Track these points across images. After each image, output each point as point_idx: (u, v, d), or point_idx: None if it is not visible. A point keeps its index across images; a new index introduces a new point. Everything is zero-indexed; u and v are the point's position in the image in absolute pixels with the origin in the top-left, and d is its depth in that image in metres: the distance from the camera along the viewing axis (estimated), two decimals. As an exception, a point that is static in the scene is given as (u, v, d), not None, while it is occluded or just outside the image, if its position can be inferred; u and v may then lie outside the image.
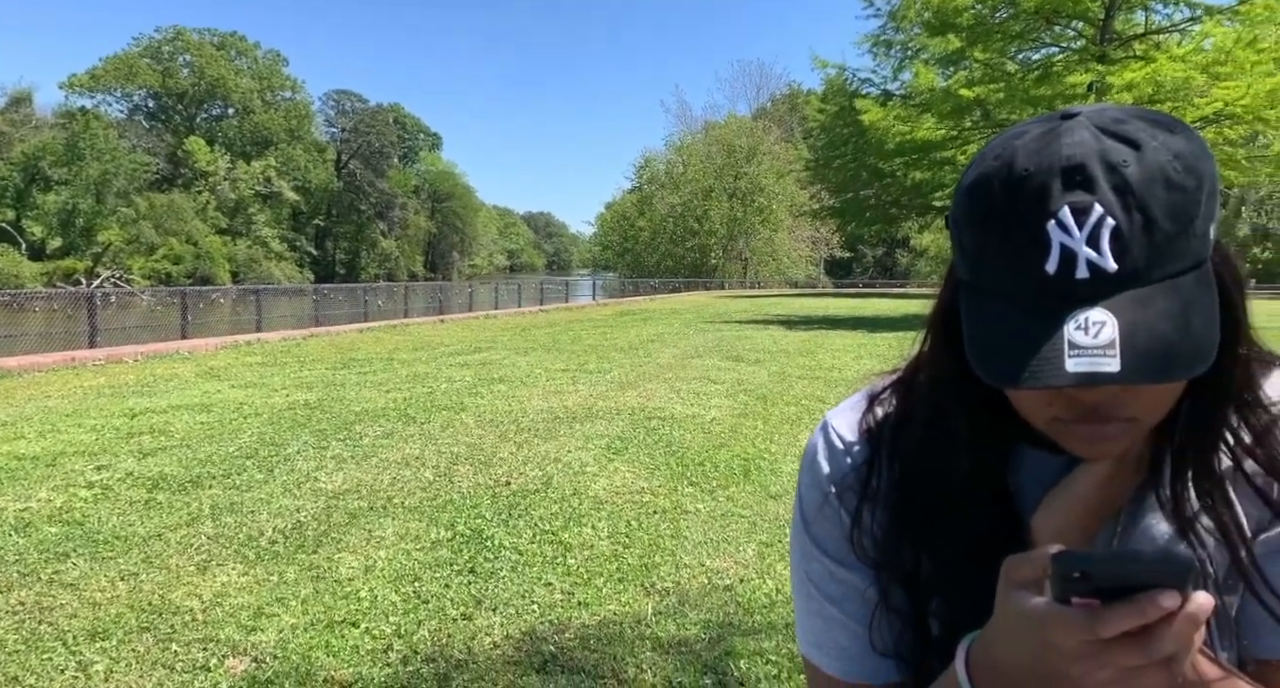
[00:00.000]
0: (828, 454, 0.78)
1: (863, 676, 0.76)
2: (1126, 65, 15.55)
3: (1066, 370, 0.52)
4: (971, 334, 0.59)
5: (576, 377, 8.84)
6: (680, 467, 4.90)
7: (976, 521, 0.71)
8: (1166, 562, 0.47)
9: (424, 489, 4.41)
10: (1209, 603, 0.48)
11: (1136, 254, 0.54)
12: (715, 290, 44.51)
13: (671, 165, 58.90)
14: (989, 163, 0.59)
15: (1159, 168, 0.55)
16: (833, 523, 0.77)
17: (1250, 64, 14.47)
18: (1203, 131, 15.86)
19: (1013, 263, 0.57)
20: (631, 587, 3.09)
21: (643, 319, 19.20)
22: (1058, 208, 0.54)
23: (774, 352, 11.38)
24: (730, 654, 2.52)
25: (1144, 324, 0.53)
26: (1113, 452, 0.63)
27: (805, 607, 0.79)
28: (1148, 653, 0.48)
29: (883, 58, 21.95)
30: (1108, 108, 0.60)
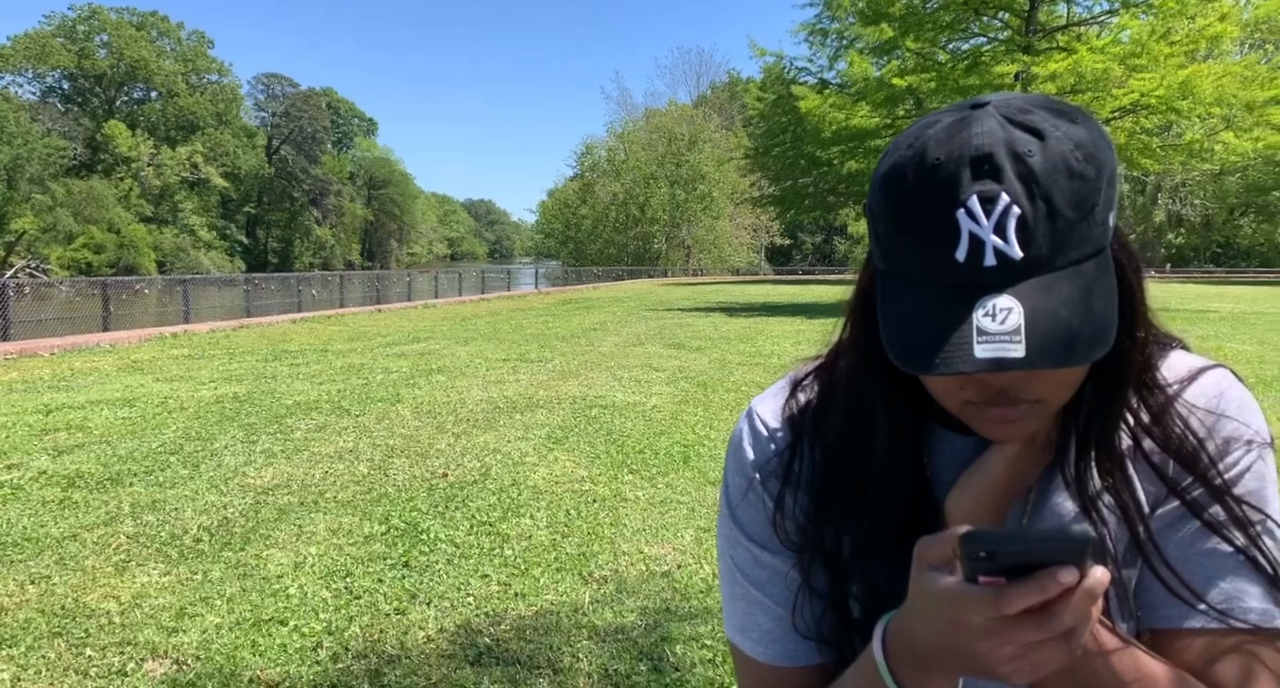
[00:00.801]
0: (752, 440, 0.79)
1: (785, 658, 0.76)
2: (1050, 56, 16.04)
3: (975, 357, 0.53)
4: (886, 321, 0.60)
5: (517, 366, 8.76)
6: (621, 455, 4.90)
7: (894, 503, 0.72)
8: (1065, 539, 0.48)
9: (358, 483, 4.31)
10: (1105, 578, 0.49)
11: (1041, 242, 0.55)
12: (658, 278, 44.62)
13: (613, 152, 58.69)
14: (902, 152, 0.60)
15: (1061, 157, 0.56)
16: (756, 508, 0.77)
17: (1163, 56, 15.07)
18: (1120, 121, 16.49)
19: (925, 251, 0.58)
20: (569, 576, 3.07)
21: (585, 307, 19.13)
22: (967, 197, 0.55)
23: (715, 339, 11.46)
24: (667, 640, 2.52)
25: (1048, 310, 0.54)
26: (1022, 433, 0.64)
27: (730, 592, 0.79)
28: (1048, 628, 0.49)
29: (819, 47, 22.20)
30: (1014, 97, 0.60)
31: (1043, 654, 0.50)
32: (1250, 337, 10.79)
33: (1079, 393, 0.66)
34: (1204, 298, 20.16)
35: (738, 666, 0.80)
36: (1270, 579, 0.66)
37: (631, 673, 2.33)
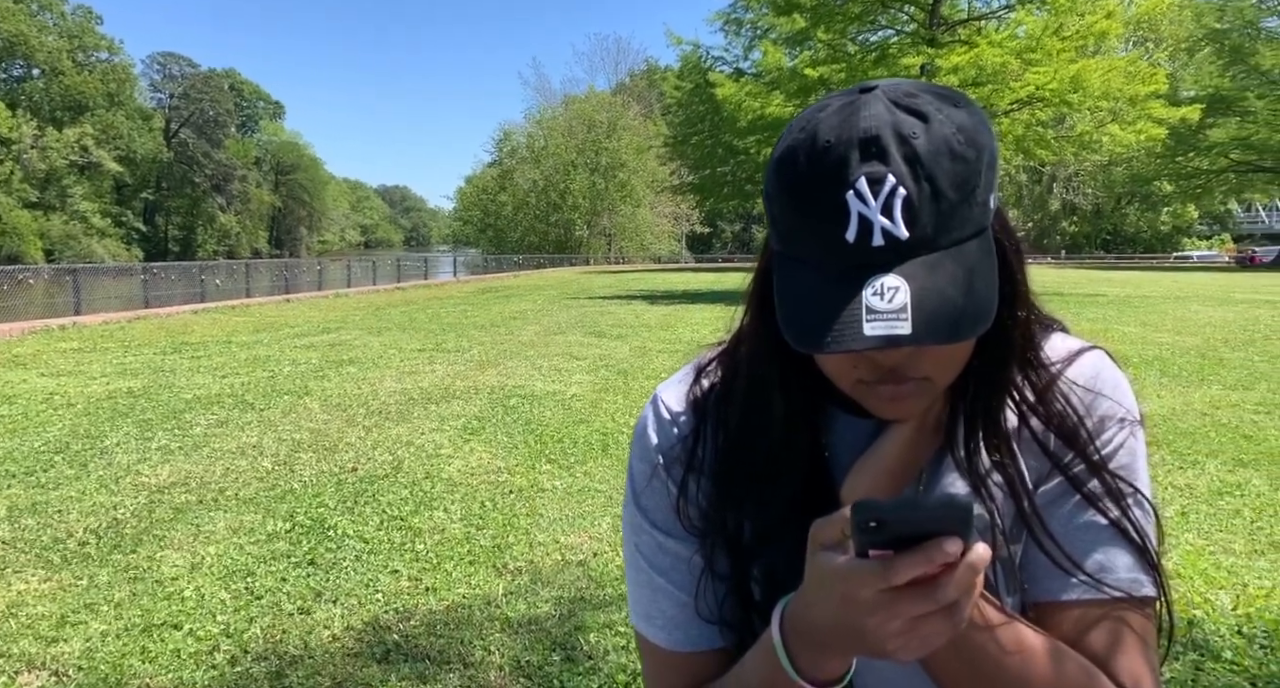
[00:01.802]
0: (656, 427, 0.79)
1: (688, 644, 0.76)
2: (953, 49, 16.61)
3: (864, 334, 0.54)
4: (781, 301, 0.61)
5: (433, 356, 8.58)
6: (539, 445, 4.84)
7: (792, 485, 0.72)
8: (950, 507, 0.49)
9: (261, 479, 4.14)
10: (987, 554, 0.49)
11: (926, 222, 0.56)
12: (580, 266, 44.43)
13: (532, 139, 58.01)
14: (795, 135, 0.61)
15: (944, 140, 0.57)
16: (660, 495, 0.77)
17: (1056, 51, 15.80)
18: (1018, 113, 17.22)
19: (816, 232, 0.58)
20: (483, 569, 3.02)
21: (505, 296, 18.89)
22: (855, 178, 0.56)
23: (636, 326, 11.48)
24: (580, 629, 2.51)
25: (933, 289, 0.56)
26: (913, 411, 0.66)
27: (635, 579, 0.79)
28: (934, 600, 0.49)
29: (734, 36, 22.41)
30: (902, 82, 0.62)
31: (929, 628, 0.51)
32: (1134, 319, 11.44)
33: (965, 372, 0.67)
34: (1094, 283, 21.28)
35: (642, 652, 0.80)
36: (1139, 549, 0.69)
37: (544, 664, 2.31)
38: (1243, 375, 6.69)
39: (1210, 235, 56.39)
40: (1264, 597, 2.65)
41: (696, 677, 0.75)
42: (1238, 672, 2.20)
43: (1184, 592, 2.70)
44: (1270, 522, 3.35)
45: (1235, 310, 12.46)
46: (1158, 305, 13.66)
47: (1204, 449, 4.46)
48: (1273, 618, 2.49)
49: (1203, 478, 3.95)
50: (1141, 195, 48.91)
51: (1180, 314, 12.00)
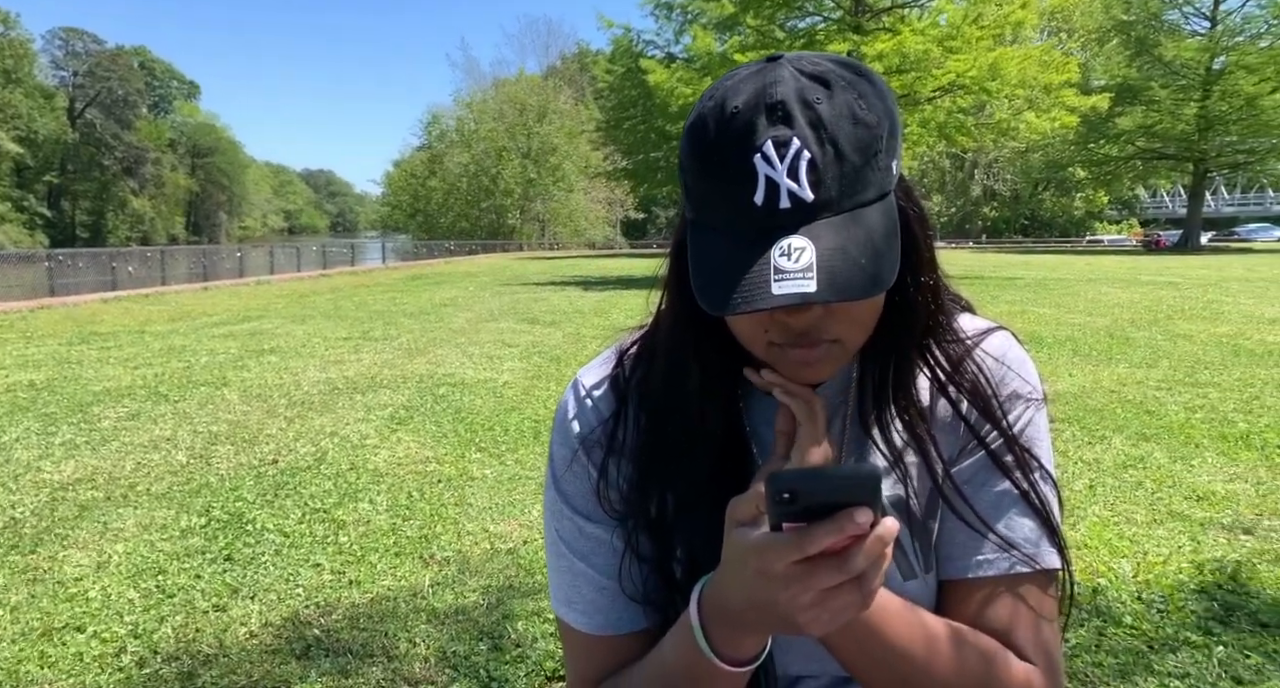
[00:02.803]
0: (576, 411, 0.79)
1: (609, 627, 0.76)
2: (877, 36, 16.94)
3: (773, 294, 0.55)
4: (694, 268, 0.62)
5: (360, 345, 8.37)
6: (469, 433, 4.78)
7: (710, 459, 0.73)
8: (859, 476, 0.49)
9: (174, 474, 3.98)
10: (894, 527, 0.50)
11: (830, 184, 0.58)
12: (513, 252, 43.94)
13: (462, 123, 57.02)
14: (705, 103, 0.62)
15: (846, 105, 0.59)
16: (581, 479, 0.77)
17: (975, 39, 16.27)
18: (940, 101, 17.67)
19: (726, 196, 0.59)
20: (409, 560, 2.96)
21: (436, 283, 18.57)
22: (762, 142, 0.58)
23: (570, 313, 11.42)
24: (509, 618, 2.48)
25: (837, 249, 0.57)
26: (824, 374, 0.67)
27: (556, 565, 0.79)
28: (845, 570, 0.50)
29: (664, 20, 22.33)
30: (807, 53, 0.64)
31: (840, 600, 0.52)
32: (1049, 301, 11.90)
33: (875, 338, 0.69)
34: (1012, 266, 22.07)
35: (564, 637, 0.80)
36: (1045, 521, 0.71)
37: (471, 654, 2.28)
38: (1147, 354, 7.03)
39: (1119, 220, 59.06)
40: (1162, 564, 2.79)
41: (618, 660, 0.75)
42: (1136, 635, 2.31)
43: (1090, 562, 2.82)
44: (1169, 492, 3.53)
45: (1141, 292, 13.08)
46: (1071, 287, 14.24)
47: (1111, 425, 4.67)
48: (1169, 583, 2.63)
49: (1109, 453, 4.14)
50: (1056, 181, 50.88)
51: (1091, 296, 12.54)
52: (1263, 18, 30.66)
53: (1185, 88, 31.02)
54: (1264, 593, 2.55)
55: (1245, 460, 3.96)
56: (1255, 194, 58.77)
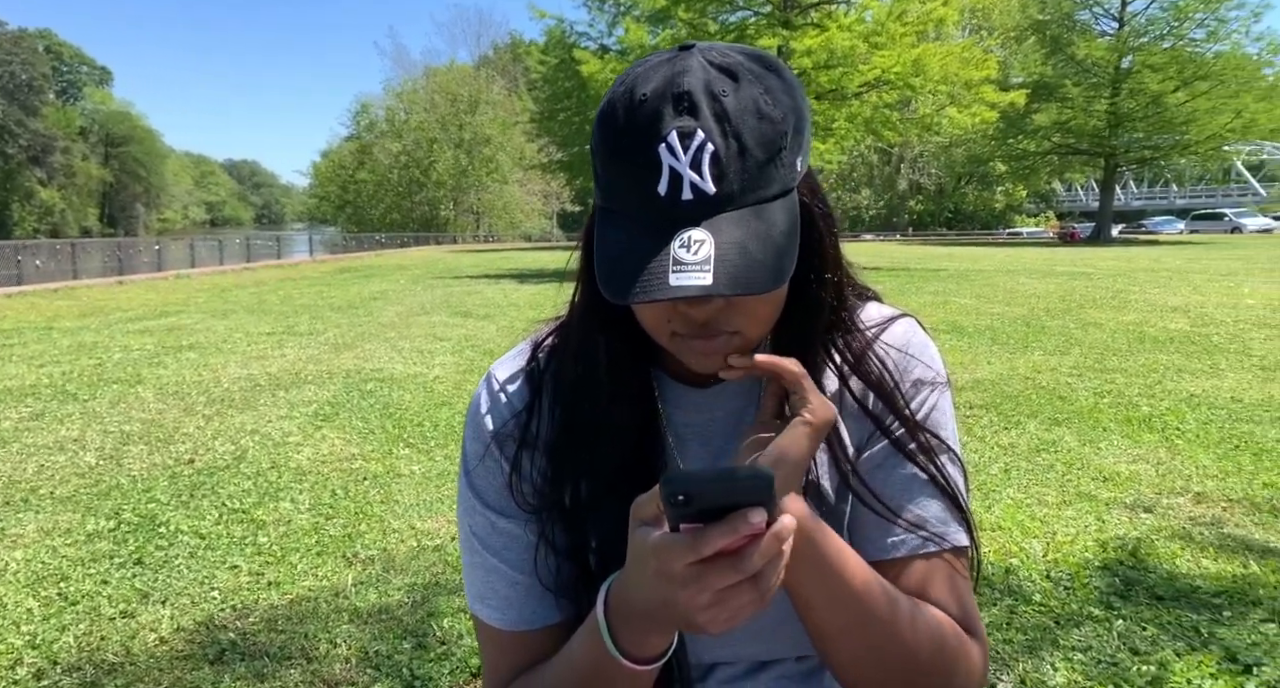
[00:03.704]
0: (489, 405, 0.78)
1: (523, 623, 0.75)
2: (806, 32, 17.18)
3: (670, 285, 0.56)
4: (598, 255, 0.62)
5: (284, 340, 8.14)
6: (397, 429, 4.69)
7: (626, 452, 0.73)
8: (753, 477, 0.49)
9: (82, 476, 3.80)
10: (792, 524, 0.51)
11: (732, 178, 0.58)
12: (447, 245, 43.23)
13: (392, 113, 55.81)
14: (617, 89, 0.62)
15: (752, 99, 0.59)
16: (494, 474, 0.77)
17: (899, 35, 16.65)
18: (867, 96, 18.03)
19: (632, 184, 0.60)
20: (331, 559, 2.90)
21: (365, 276, 18.16)
22: (667, 132, 0.58)
23: (504, 306, 11.31)
24: (433, 616, 2.45)
25: (736, 243, 0.57)
26: (723, 365, 0.67)
27: (470, 561, 0.78)
28: (741, 569, 0.50)
29: (597, 12, 22.20)
30: (719, 44, 0.64)
31: (737, 600, 0.52)
32: (970, 291, 12.30)
33: (781, 334, 0.71)
34: (937, 258, 22.72)
35: (479, 634, 0.79)
36: (953, 501, 0.73)
37: (394, 653, 2.24)
38: (1060, 342, 7.33)
39: (1037, 213, 61.32)
40: (1069, 543, 2.92)
41: (532, 656, 0.75)
42: (1044, 612, 2.41)
43: (1003, 543, 2.93)
44: (1078, 474, 3.69)
45: (1057, 282, 13.62)
46: (991, 278, 14.74)
47: (1025, 410, 4.86)
48: (1075, 562, 2.75)
49: (1024, 437, 4.31)
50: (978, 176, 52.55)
51: (1010, 286, 13.00)
52: (1165, 20, 32.17)
53: (1096, 86, 32.30)
54: (1160, 568, 2.69)
55: (1147, 442, 4.16)
56: (1161, 188, 61.83)
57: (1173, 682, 2.02)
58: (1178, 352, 6.71)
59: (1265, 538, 2.92)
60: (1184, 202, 58.15)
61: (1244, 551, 2.80)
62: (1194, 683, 2.01)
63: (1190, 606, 2.41)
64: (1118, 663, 2.12)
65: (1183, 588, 2.52)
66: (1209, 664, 2.09)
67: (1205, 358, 6.39)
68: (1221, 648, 2.16)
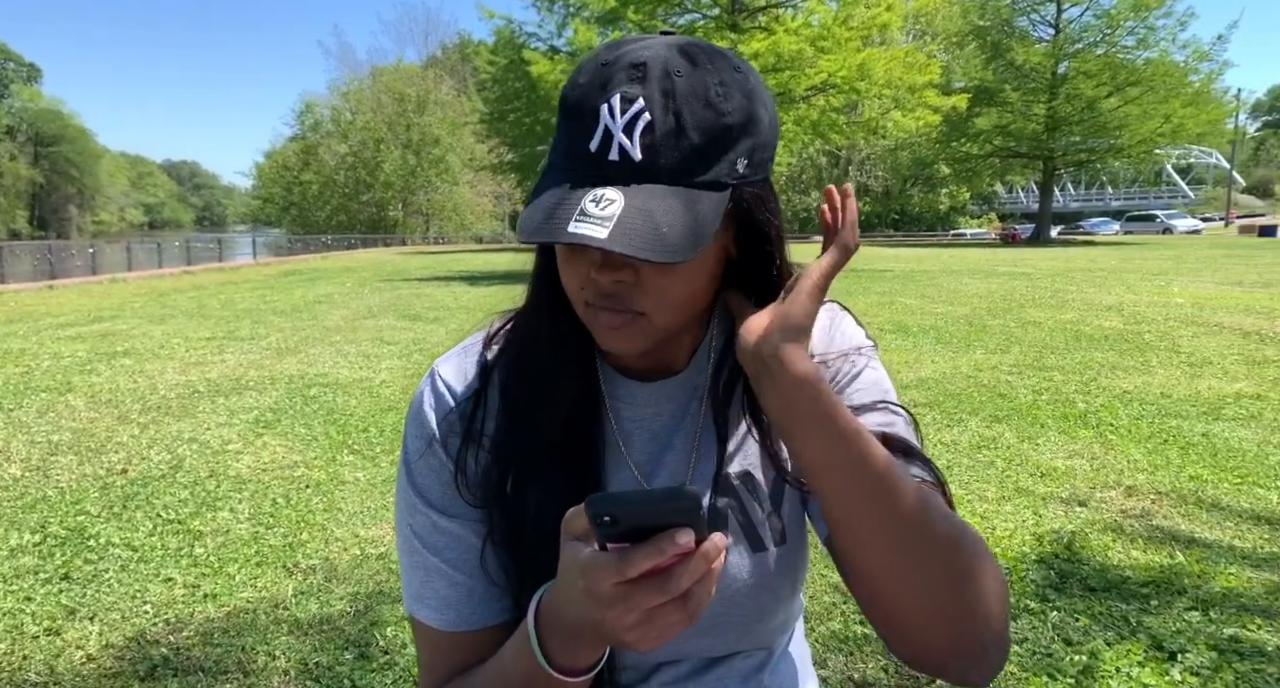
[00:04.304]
0: (433, 402, 0.77)
1: (461, 624, 0.75)
2: (753, 36, 17.37)
3: (566, 231, 0.57)
4: (528, 202, 0.64)
5: (224, 345, 7.93)
6: (341, 435, 4.60)
7: (570, 444, 0.73)
8: (678, 499, 0.49)
9: (6, 488, 3.65)
10: (722, 543, 0.50)
11: (661, 153, 0.59)
12: (396, 247, 42.60)
13: (338, 112, 54.78)
14: (589, 56, 0.65)
15: (704, 86, 0.60)
16: (436, 471, 0.76)
17: (845, 40, 16.95)
18: (815, 100, 18.29)
19: (573, 139, 0.62)
20: (271, 569, 2.83)
21: (311, 279, 17.80)
22: (612, 94, 0.60)
23: (454, 309, 11.18)
24: (377, 625, 2.41)
25: (644, 211, 0.58)
26: (629, 345, 0.67)
27: (409, 562, 0.77)
28: (667, 591, 0.50)
29: (546, 13, 22.11)
30: (700, 40, 0.65)
31: (664, 619, 0.51)
32: (915, 292, 12.55)
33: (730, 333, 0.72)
34: (884, 259, 23.12)
35: (416, 635, 0.78)
36: (904, 450, 0.73)
37: (335, 664, 2.20)
38: (1001, 340, 7.52)
39: (980, 215, 62.93)
40: (1008, 537, 2.99)
41: (470, 657, 0.74)
42: (983, 603, 2.46)
43: (944, 536, 2.99)
44: (1017, 470, 3.79)
45: (998, 282, 13.98)
46: (935, 279, 15.06)
47: (967, 408, 4.97)
48: (1013, 555, 2.82)
49: (965, 434, 4.40)
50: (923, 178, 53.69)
51: (953, 287, 13.30)
52: (1098, 27, 33.29)
53: (1034, 90, 33.26)
54: (1093, 560, 2.77)
55: (1082, 438, 4.29)
56: (1097, 191, 64.03)
57: (1103, 671, 2.09)
58: (1112, 349, 6.94)
59: (1190, 529, 3.03)
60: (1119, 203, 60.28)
61: (1171, 541, 2.91)
62: (1122, 672, 2.08)
63: (1120, 596, 2.49)
64: (1052, 654, 2.18)
65: (1113, 579, 2.61)
66: (1136, 653, 2.16)
67: (1137, 355, 6.62)
68: (1148, 636, 2.24)
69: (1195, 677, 2.05)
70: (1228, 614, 2.35)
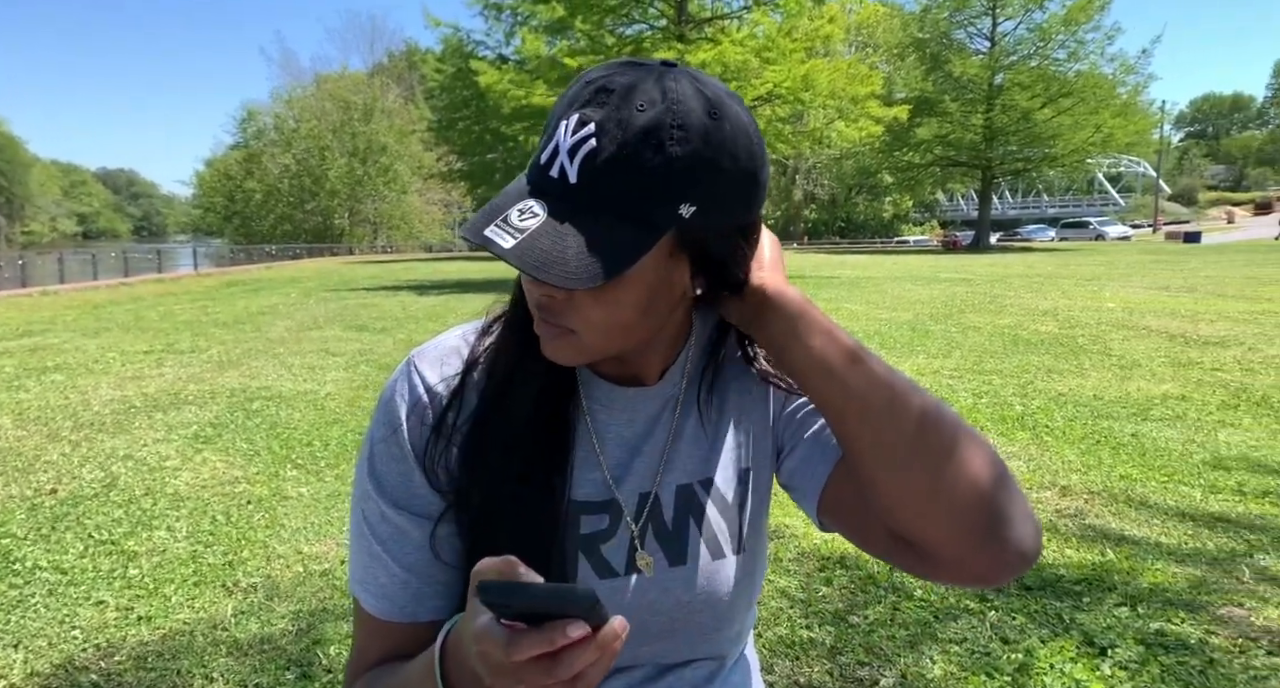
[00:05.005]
0: (405, 392, 0.76)
1: (396, 615, 0.75)
2: (700, 46, 17.57)
3: (483, 232, 0.59)
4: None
5: (163, 358, 7.70)
6: (284, 449, 4.51)
7: (542, 445, 0.74)
8: (570, 597, 0.49)
9: (-75, 513, 3.49)
10: (620, 629, 0.51)
11: (597, 181, 0.59)
12: (343, 257, 41.86)
13: (281, 120, 53.69)
14: (585, 72, 0.66)
15: (658, 127, 0.59)
16: (397, 461, 0.75)
17: (789, 51, 17.25)
18: (761, 110, 18.56)
19: (540, 147, 0.63)
20: (210, 589, 2.76)
21: (254, 289, 17.38)
22: (573, 112, 0.61)
23: (402, 319, 11.03)
24: (319, 643, 2.36)
25: (558, 232, 0.59)
26: (563, 357, 0.69)
27: (357, 544, 0.77)
28: (555, 675, 0.49)
29: (495, 21, 22.06)
30: (708, 77, 0.65)
31: None
32: (861, 298, 12.79)
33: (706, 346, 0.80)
34: (831, 266, 23.51)
35: (355, 614, 0.79)
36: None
37: (276, 684, 2.15)
38: (943, 345, 7.70)
39: (923, 222, 64.44)
40: (948, 536, 3.06)
41: (402, 647, 0.74)
42: (925, 608, 2.52)
43: (887, 539, 3.05)
44: (957, 471, 3.88)
45: (940, 288, 14.31)
46: (880, 285, 15.36)
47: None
48: (953, 554, 2.89)
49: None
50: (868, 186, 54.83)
51: (897, 293, 13.58)
52: (1031, 40, 34.47)
53: (972, 101, 34.24)
54: (1029, 557, 2.85)
55: (1020, 440, 4.42)
56: (1033, 198, 66.09)
57: (1038, 668, 2.15)
58: (1048, 353, 7.16)
59: (1121, 527, 3.14)
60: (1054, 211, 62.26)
61: (1102, 539, 3.01)
62: (1056, 668, 2.15)
63: (1054, 594, 2.57)
64: (990, 653, 2.24)
65: (1049, 578, 2.69)
66: (1069, 649, 2.23)
67: (1072, 358, 6.85)
68: (1081, 633, 2.32)
69: (1124, 671, 2.12)
70: (1154, 609, 2.44)
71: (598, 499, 0.77)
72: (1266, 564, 2.73)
